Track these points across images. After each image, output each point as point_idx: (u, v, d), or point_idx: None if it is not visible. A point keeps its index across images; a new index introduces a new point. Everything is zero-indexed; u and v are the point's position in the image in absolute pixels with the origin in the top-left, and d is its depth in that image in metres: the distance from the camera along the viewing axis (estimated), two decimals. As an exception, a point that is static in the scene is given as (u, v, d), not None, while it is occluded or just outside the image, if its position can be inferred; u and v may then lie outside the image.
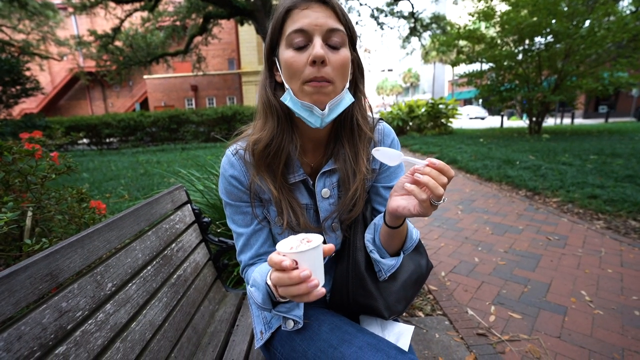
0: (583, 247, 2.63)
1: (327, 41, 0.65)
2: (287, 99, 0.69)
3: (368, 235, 0.78)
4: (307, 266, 0.53)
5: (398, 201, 0.65)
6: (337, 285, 0.81)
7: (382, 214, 0.77)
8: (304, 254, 0.53)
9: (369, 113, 0.82)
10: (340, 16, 0.67)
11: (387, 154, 0.65)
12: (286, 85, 0.69)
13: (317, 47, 0.63)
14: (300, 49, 0.65)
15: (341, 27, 0.66)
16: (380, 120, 0.84)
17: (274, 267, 0.54)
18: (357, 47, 0.75)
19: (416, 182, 0.59)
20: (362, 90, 0.78)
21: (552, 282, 2.14)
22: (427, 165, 0.58)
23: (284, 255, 0.53)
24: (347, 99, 0.70)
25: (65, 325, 0.64)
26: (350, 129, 0.76)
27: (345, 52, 0.67)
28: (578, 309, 1.84)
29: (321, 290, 0.53)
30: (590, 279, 2.14)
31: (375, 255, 0.75)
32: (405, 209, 0.63)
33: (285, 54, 0.66)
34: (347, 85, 0.71)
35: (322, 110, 0.67)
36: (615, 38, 8.40)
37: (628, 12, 9.32)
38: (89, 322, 0.69)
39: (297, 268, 0.53)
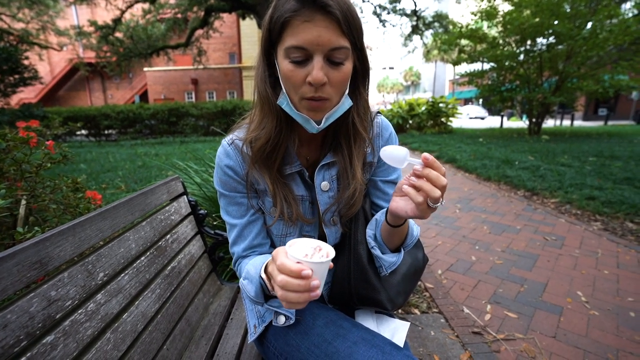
0: (580, 248, 2.63)
1: (329, 57, 0.61)
2: (284, 104, 0.67)
3: (369, 231, 0.77)
4: (317, 277, 0.51)
5: (397, 202, 0.65)
6: (338, 278, 0.80)
7: (384, 210, 0.75)
8: (320, 265, 0.52)
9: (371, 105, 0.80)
10: (345, 28, 0.59)
11: (393, 155, 0.61)
12: (284, 90, 0.66)
13: (317, 69, 0.59)
14: (298, 63, 0.61)
15: (345, 43, 0.60)
16: (378, 114, 0.83)
17: (291, 274, 0.50)
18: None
19: (413, 185, 0.58)
20: (362, 88, 0.73)
21: (548, 282, 2.14)
22: (422, 160, 0.57)
23: (297, 263, 0.51)
24: (346, 104, 0.68)
25: (54, 314, 0.62)
26: (346, 129, 0.74)
27: (347, 67, 0.63)
28: (574, 309, 1.84)
29: (313, 295, 0.51)
30: (586, 280, 2.14)
31: (376, 252, 0.74)
32: (402, 211, 0.63)
33: (283, 64, 0.62)
34: (347, 91, 0.68)
35: (319, 124, 0.66)
36: (617, 41, 8.38)
37: (630, 15, 9.28)
38: (79, 311, 0.67)
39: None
